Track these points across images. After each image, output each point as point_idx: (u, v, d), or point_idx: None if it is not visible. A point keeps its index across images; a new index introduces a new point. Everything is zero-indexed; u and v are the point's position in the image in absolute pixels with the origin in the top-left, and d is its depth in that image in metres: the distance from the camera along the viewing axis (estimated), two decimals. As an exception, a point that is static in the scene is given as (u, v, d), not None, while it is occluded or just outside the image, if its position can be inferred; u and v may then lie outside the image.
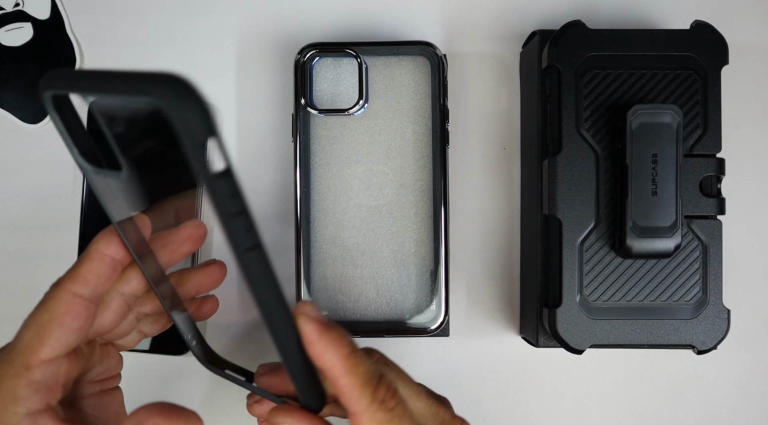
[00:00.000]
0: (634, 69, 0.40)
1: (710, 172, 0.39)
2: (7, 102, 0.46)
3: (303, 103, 0.43)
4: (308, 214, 0.43)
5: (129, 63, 0.46)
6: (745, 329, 0.46)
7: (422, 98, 0.43)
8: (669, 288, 0.39)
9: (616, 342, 0.39)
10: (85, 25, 0.46)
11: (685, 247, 0.39)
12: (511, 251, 0.46)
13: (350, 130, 0.43)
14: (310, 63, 0.43)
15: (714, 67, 0.40)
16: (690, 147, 0.40)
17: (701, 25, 0.40)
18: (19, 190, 0.46)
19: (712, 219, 0.40)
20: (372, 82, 0.43)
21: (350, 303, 0.43)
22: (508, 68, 0.46)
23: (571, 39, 0.40)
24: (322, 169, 0.43)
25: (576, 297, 0.39)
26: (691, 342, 0.39)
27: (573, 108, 0.39)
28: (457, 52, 0.46)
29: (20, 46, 0.46)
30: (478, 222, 0.46)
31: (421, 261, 0.43)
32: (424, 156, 0.43)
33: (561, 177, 0.39)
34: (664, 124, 0.38)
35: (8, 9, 0.46)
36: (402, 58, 0.43)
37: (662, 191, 0.38)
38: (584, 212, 0.39)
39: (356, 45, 0.43)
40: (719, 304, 0.39)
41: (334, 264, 0.43)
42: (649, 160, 0.38)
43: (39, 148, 0.46)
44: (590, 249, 0.39)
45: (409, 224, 0.43)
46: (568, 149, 0.39)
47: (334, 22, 0.46)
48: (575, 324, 0.39)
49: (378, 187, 0.43)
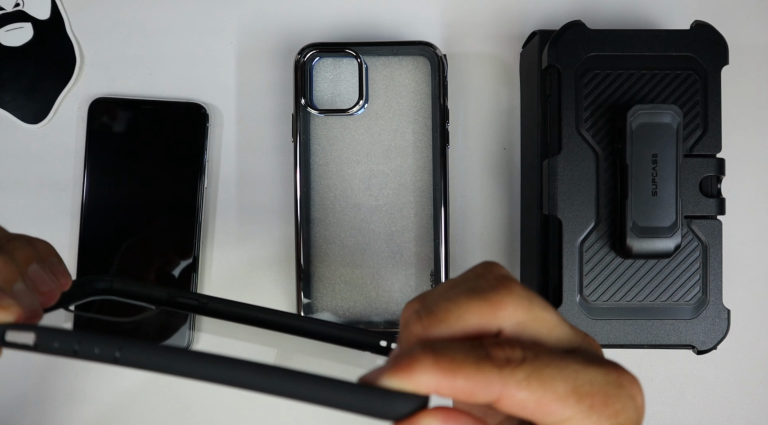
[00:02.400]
0: (634, 69, 0.40)
1: (710, 172, 0.39)
2: (7, 102, 0.46)
3: (303, 103, 0.43)
4: (308, 214, 0.43)
5: (129, 63, 0.46)
6: (745, 329, 0.46)
7: (422, 98, 0.43)
8: (669, 289, 0.39)
9: (616, 342, 0.39)
10: (85, 25, 0.46)
11: (685, 247, 0.39)
12: (511, 251, 0.46)
13: (350, 130, 0.43)
14: (310, 63, 0.43)
15: (714, 67, 0.40)
16: (690, 147, 0.40)
17: (701, 25, 0.40)
18: (20, 190, 0.46)
19: (712, 219, 0.40)
20: (372, 82, 0.43)
21: (350, 303, 0.43)
22: (508, 68, 0.46)
23: (571, 39, 0.40)
24: (322, 169, 0.43)
25: (576, 297, 0.39)
26: (691, 342, 0.39)
27: (573, 108, 0.39)
28: (457, 52, 0.46)
29: (20, 46, 0.46)
30: (478, 223, 0.46)
31: (421, 261, 0.43)
32: (424, 156, 0.43)
33: (561, 177, 0.39)
34: (664, 124, 0.38)
35: (8, 9, 0.46)
36: (402, 58, 0.43)
37: (662, 191, 0.38)
38: (584, 212, 0.39)
39: (356, 45, 0.43)
40: (719, 304, 0.39)
41: (334, 264, 0.43)
42: (649, 160, 0.38)
43: (39, 147, 0.46)
44: (590, 249, 0.39)
45: (409, 224, 0.43)
46: (568, 149, 0.39)
47: (334, 22, 0.46)
48: (575, 324, 0.39)
49: (378, 187, 0.43)
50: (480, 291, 0.24)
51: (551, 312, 0.25)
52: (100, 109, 0.45)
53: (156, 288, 0.30)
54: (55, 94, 0.46)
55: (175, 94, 0.46)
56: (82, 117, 0.46)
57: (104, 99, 0.45)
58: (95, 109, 0.45)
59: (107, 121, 0.45)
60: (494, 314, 0.24)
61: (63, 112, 0.46)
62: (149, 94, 0.46)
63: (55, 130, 0.46)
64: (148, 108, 0.45)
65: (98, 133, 0.45)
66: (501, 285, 0.24)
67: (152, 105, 0.45)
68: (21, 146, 0.46)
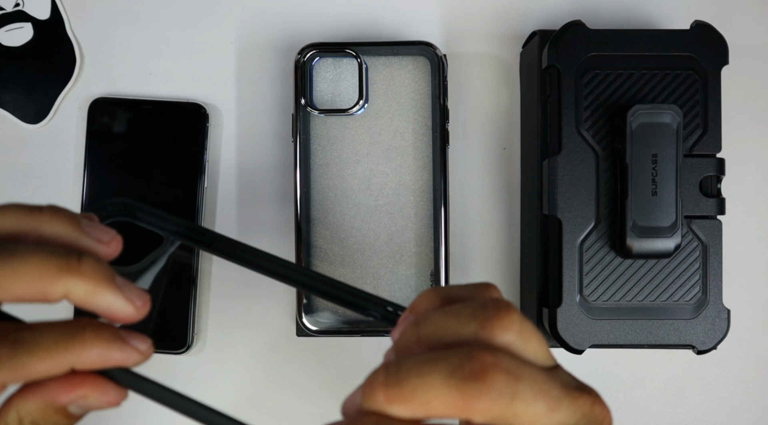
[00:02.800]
0: (634, 69, 0.40)
1: (710, 172, 0.39)
2: (7, 102, 0.46)
3: (303, 103, 0.43)
4: (308, 214, 0.43)
5: (129, 63, 0.46)
6: (745, 329, 0.46)
7: (422, 98, 0.43)
8: (669, 288, 0.39)
9: (616, 342, 0.39)
10: (85, 25, 0.46)
11: (685, 247, 0.39)
12: (511, 251, 0.46)
13: (350, 130, 0.43)
14: (310, 63, 0.43)
15: (714, 67, 0.40)
16: (690, 147, 0.40)
17: (701, 25, 0.40)
18: (20, 190, 0.46)
19: (712, 219, 0.40)
20: (372, 82, 0.43)
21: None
22: (508, 68, 0.46)
23: (571, 39, 0.40)
24: (322, 169, 0.43)
25: (576, 297, 0.39)
26: (691, 342, 0.39)
27: (573, 108, 0.39)
28: (457, 52, 0.46)
29: (20, 46, 0.46)
30: (478, 222, 0.46)
31: (421, 261, 0.43)
32: (424, 156, 0.43)
33: (561, 177, 0.39)
34: (664, 124, 0.38)
35: (8, 9, 0.46)
36: (402, 58, 0.43)
37: (662, 191, 0.38)
38: (584, 212, 0.39)
39: (356, 45, 0.43)
40: (719, 304, 0.39)
41: (334, 264, 0.43)
42: (649, 160, 0.38)
43: (39, 147, 0.46)
44: (590, 249, 0.39)
45: (409, 224, 0.43)
46: (568, 149, 0.39)
47: (334, 22, 0.46)
48: (575, 324, 0.39)
49: (378, 187, 0.43)
50: (459, 377, 0.21)
51: (539, 401, 0.22)
52: (100, 109, 0.45)
53: (169, 216, 0.29)
54: (55, 94, 0.46)
55: (175, 94, 0.46)
56: (82, 117, 0.46)
57: (104, 99, 0.45)
58: (95, 109, 0.45)
59: (107, 121, 0.45)
60: (467, 408, 0.21)
61: (63, 112, 0.46)
62: (149, 94, 0.46)
63: (55, 130, 0.46)
64: (148, 108, 0.45)
65: (98, 133, 0.45)
66: (485, 373, 0.21)
67: (152, 105, 0.45)
68: (21, 146, 0.46)
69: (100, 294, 0.25)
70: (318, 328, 0.42)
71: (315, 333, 0.42)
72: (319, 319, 0.43)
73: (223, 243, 0.30)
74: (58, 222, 0.25)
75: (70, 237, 0.26)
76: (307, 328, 0.42)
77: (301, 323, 0.42)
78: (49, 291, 0.24)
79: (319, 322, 0.43)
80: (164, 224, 0.29)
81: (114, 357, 0.25)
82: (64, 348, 0.24)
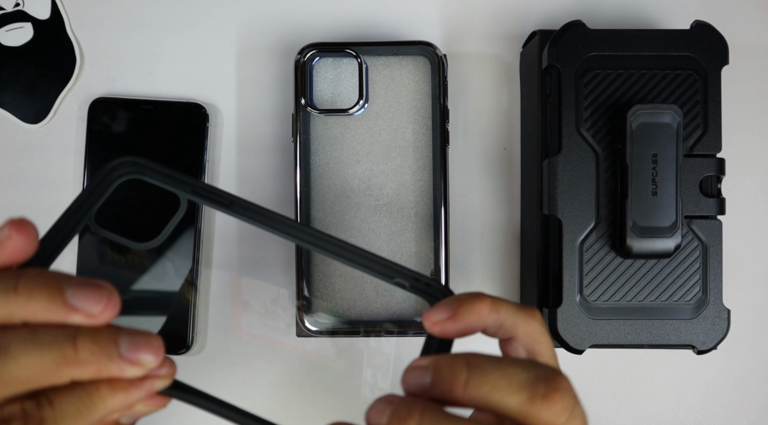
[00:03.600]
0: (634, 69, 0.40)
1: (710, 172, 0.39)
2: (7, 102, 0.46)
3: (303, 103, 0.43)
4: (308, 214, 0.43)
5: (129, 63, 0.46)
6: (745, 329, 0.46)
7: (422, 98, 0.43)
8: (669, 288, 0.39)
9: (616, 342, 0.39)
10: (85, 25, 0.46)
11: (685, 247, 0.39)
12: (511, 251, 0.46)
13: (350, 130, 0.43)
14: (311, 63, 0.43)
15: (714, 67, 0.40)
16: (690, 147, 0.40)
17: (701, 25, 0.40)
18: (20, 190, 0.46)
19: (712, 219, 0.40)
20: (372, 82, 0.43)
21: (350, 303, 0.43)
22: (508, 68, 0.46)
23: (571, 39, 0.40)
24: (323, 168, 0.43)
25: (576, 297, 0.39)
26: (691, 342, 0.39)
27: (573, 108, 0.39)
28: (457, 52, 0.46)
29: (20, 46, 0.46)
30: (478, 222, 0.46)
31: (421, 261, 0.43)
32: (424, 156, 0.43)
33: (561, 177, 0.39)
34: (664, 124, 0.38)
35: (8, 9, 0.46)
36: (402, 58, 0.43)
37: (662, 191, 0.38)
38: (584, 212, 0.39)
39: (356, 45, 0.43)
40: (719, 304, 0.39)
41: (334, 263, 0.43)
42: (649, 160, 0.38)
43: (39, 147, 0.46)
44: (590, 249, 0.39)
45: (409, 224, 0.43)
46: (568, 149, 0.39)
47: (334, 22, 0.46)
48: (575, 324, 0.39)
49: (378, 187, 0.43)
50: None
51: None
52: (100, 109, 0.45)
53: (184, 176, 0.28)
54: (55, 94, 0.46)
55: (175, 94, 0.46)
56: (82, 117, 0.46)
57: (104, 99, 0.45)
58: (95, 109, 0.45)
59: (107, 121, 0.45)
60: None
61: (63, 112, 0.46)
62: (149, 94, 0.46)
63: (55, 130, 0.46)
64: (148, 108, 0.45)
65: (98, 132, 0.45)
66: None
67: (152, 105, 0.45)
68: (21, 146, 0.46)
69: (106, 371, 0.24)
70: (318, 328, 0.42)
71: (315, 334, 0.42)
72: (319, 319, 0.43)
73: (242, 207, 0.29)
74: (38, 303, 0.24)
75: (58, 318, 0.24)
76: (307, 328, 0.42)
77: (301, 323, 0.42)
78: (54, 383, 0.24)
79: (319, 322, 0.43)
80: (179, 185, 0.28)
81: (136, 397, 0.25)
82: (88, 412, 0.24)
